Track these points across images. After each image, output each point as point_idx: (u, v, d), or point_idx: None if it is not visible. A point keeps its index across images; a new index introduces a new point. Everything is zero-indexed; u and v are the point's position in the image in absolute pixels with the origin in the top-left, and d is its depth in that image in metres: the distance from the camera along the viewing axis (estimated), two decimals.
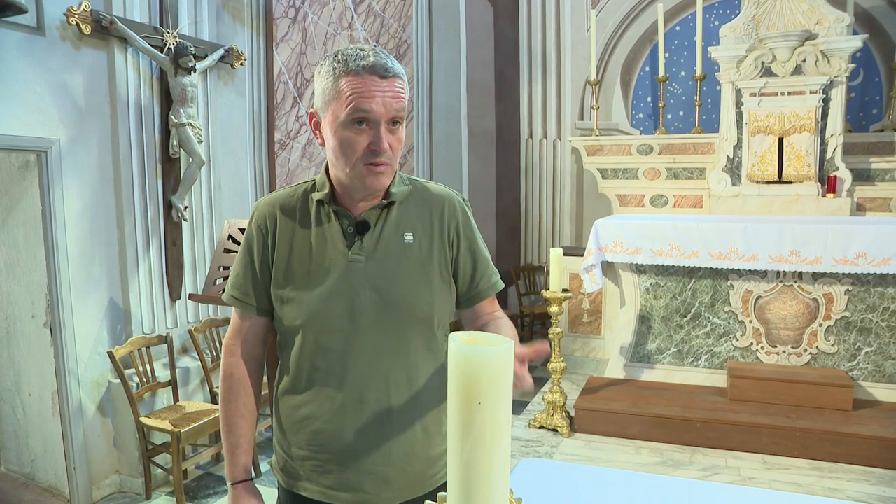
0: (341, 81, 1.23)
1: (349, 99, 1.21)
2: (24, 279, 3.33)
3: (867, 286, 4.20)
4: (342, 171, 1.29)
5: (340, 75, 1.23)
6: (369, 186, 1.28)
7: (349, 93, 1.21)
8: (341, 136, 1.24)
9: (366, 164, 1.25)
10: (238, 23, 4.14)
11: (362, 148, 1.24)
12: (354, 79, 1.22)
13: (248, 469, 1.43)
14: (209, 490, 3.50)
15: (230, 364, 1.43)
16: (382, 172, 1.27)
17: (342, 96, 1.22)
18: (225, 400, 1.43)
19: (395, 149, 1.27)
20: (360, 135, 1.23)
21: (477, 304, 1.46)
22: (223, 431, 1.44)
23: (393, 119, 1.25)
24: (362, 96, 1.21)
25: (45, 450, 3.42)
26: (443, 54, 6.15)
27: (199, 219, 3.92)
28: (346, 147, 1.25)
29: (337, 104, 1.23)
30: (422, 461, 1.37)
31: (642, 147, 5.73)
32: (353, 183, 1.29)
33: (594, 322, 5.37)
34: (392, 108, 1.24)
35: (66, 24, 3.10)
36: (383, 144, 1.24)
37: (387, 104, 1.23)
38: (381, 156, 1.25)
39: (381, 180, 1.28)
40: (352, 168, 1.26)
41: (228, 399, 1.43)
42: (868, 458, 3.59)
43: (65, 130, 3.18)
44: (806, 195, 4.98)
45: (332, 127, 1.26)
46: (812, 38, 4.91)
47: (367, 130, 1.23)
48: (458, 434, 0.71)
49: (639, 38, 6.56)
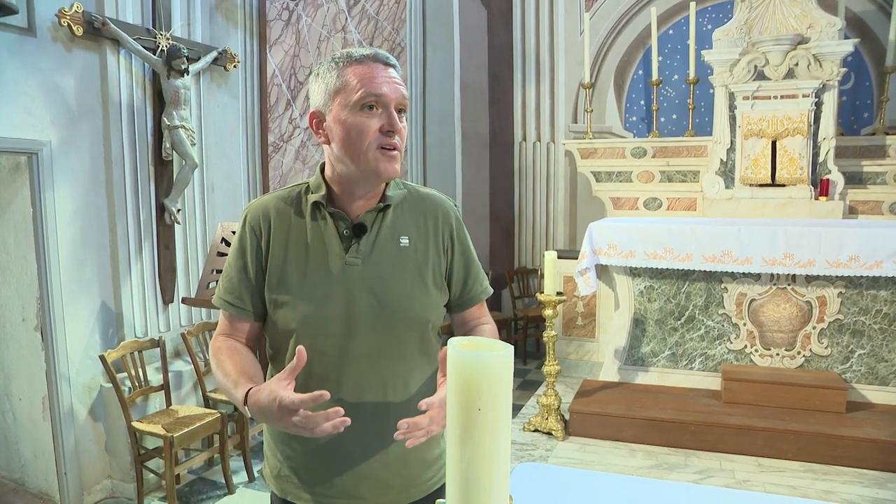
0: (347, 72, 1.25)
1: (358, 85, 1.23)
2: (14, 282, 3.30)
3: (860, 289, 4.21)
4: (352, 162, 1.26)
5: (345, 66, 1.25)
6: (382, 172, 1.26)
7: (357, 79, 1.23)
8: (352, 122, 1.24)
9: (379, 147, 1.24)
10: (231, 25, 4.12)
11: (374, 131, 1.24)
12: (359, 66, 1.24)
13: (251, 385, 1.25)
14: (202, 495, 3.47)
15: (218, 342, 1.37)
16: (395, 157, 1.26)
17: (349, 84, 1.24)
18: (216, 364, 1.32)
19: (403, 137, 1.28)
20: (372, 118, 1.24)
21: (468, 310, 1.47)
22: (223, 390, 1.30)
23: (399, 107, 1.26)
24: (372, 81, 1.23)
25: (35, 455, 3.39)
26: (436, 57, 6.14)
27: (191, 222, 3.90)
28: (358, 132, 1.24)
29: (345, 93, 1.24)
30: (418, 465, 1.37)
31: (636, 150, 5.74)
32: (363, 173, 1.27)
33: (588, 325, 5.38)
34: (399, 95, 1.26)
35: (58, 25, 3.07)
36: (397, 124, 1.24)
37: (394, 89, 1.25)
38: (395, 137, 1.25)
39: (394, 166, 1.27)
40: (363, 155, 1.25)
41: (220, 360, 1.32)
42: (861, 460, 3.60)
43: (56, 132, 3.16)
44: (799, 198, 5.00)
45: (339, 117, 1.25)
46: (804, 42, 4.94)
47: (378, 113, 1.24)
48: (458, 440, 0.70)
49: (632, 42, 6.58)
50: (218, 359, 1.33)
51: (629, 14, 6.50)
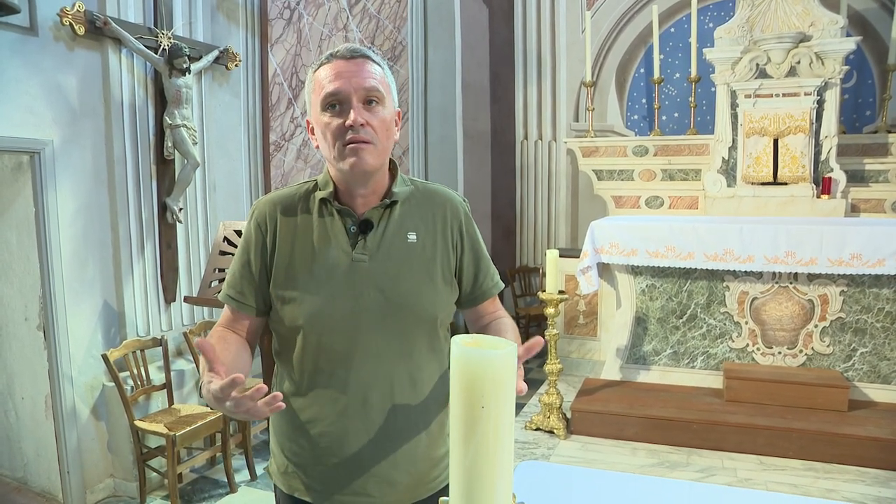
0: (317, 74, 1.28)
1: (320, 85, 1.26)
2: (16, 281, 3.30)
3: (862, 287, 4.21)
4: (332, 164, 1.29)
5: (317, 69, 1.29)
6: (354, 168, 1.24)
7: (320, 80, 1.27)
8: (321, 123, 1.27)
9: (344, 143, 1.24)
10: (233, 24, 4.12)
11: (336, 129, 1.24)
12: (325, 67, 1.28)
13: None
14: (204, 494, 3.48)
15: (216, 330, 1.35)
16: (363, 149, 1.24)
17: (317, 87, 1.27)
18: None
19: (377, 127, 1.26)
20: (335, 117, 1.25)
21: (480, 305, 1.46)
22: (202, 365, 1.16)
23: (367, 98, 1.25)
24: (331, 79, 1.25)
25: (37, 454, 3.39)
26: (438, 56, 6.14)
27: (193, 221, 3.90)
28: (326, 133, 1.26)
29: (314, 96, 1.28)
30: (426, 462, 1.36)
31: (637, 148, 5.74)
32: (342, 172, 1.28)
33: (590, 324, 5.37)
34: (360, 87, 1.24)
35: (60, 25, 3.07)
36: (355, 117, 1.23)
37: (353, 82, 1.24)
38: (359, 132, 1.23)
39: (364, 158, 1.24)
40: (336, 154, 1.26)
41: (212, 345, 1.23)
42: (864, 458, 3.60)
43: (58, 132, 3.16)
44: (801, 196, 5.00)
45: (315, 121, 1.29)
46: (806, 39, 4.93)
47: (343, 110, 1.25)
48: (461, 438, 0.70)
49: (634, 40, 6.57)
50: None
51: (631, 12, 6.49)
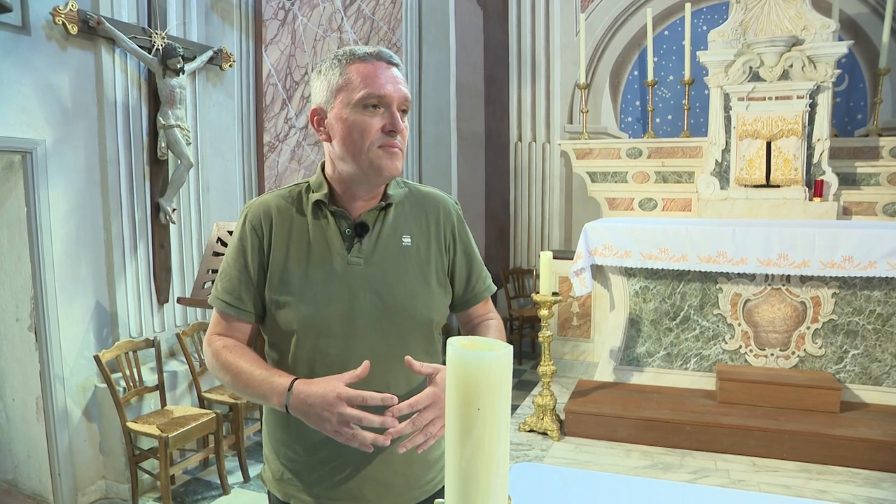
0: (350, 69, 1.24)
1: (361, 84, 1.22)
2: (8, 282, 3.28)
3: (854, 289, 4.23)
4: (353, 160, 1.26)
5: (348, 64, 1.24)
6: (385, 170, 1.25)
7: (360, 78, 1.23)
8: (353, 120, 1.23)
9: (381, 146, 1.23)
10: (227, 24, 4.11)
11: (376, 130, 1.23)
12: (363, 64, 1.23)
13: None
14: (197, 496, 3.46)
15: (219, 341, 1.33)
16: (396, 154, 1.25)
17: (352, 83, 1.23)
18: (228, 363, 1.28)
19: (405, 137, 1.28)
20: (374, 117, 1.23)
21: (472, 307, 1.46)
22: (242, 386, 1.25)
23: (401, 107, 1.26)
24: (375, 80, 1.22)
25: (28, 455, 3.37)
26: (432, 57, 6.14)
27: (187, 221, 3.88)
28: (360, 131, 1.23)
29: (347, 91, 1.23)
30: (421, 465, 1.36)
31: (631, 151, 5.75)
32: (364, 172, 1.26)
33: (584, 325, 5.38)
34: (402, 96, 1.25)
35: (52, 24, 3.06)
36: (399, 124, 1.23)
37: (397, 90, 1.24)
38: (396, 137, 1.24)
39: (396, 164, 1.26)
40: (365, 153, 1.24)
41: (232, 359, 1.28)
42: (855, 459, 3.62)
43: (50, 131, 3.14)
44: (793, 199, 5.02)
45: (341, 115, 1.25)
46: (799, 43, 4.96)
47: (381, 112, 1.23)
48: (457, 440, 0.70)
49: (628, 42, 6.59)
50: (225, 358, 1.29)
51: (625, 15, 6.52)
